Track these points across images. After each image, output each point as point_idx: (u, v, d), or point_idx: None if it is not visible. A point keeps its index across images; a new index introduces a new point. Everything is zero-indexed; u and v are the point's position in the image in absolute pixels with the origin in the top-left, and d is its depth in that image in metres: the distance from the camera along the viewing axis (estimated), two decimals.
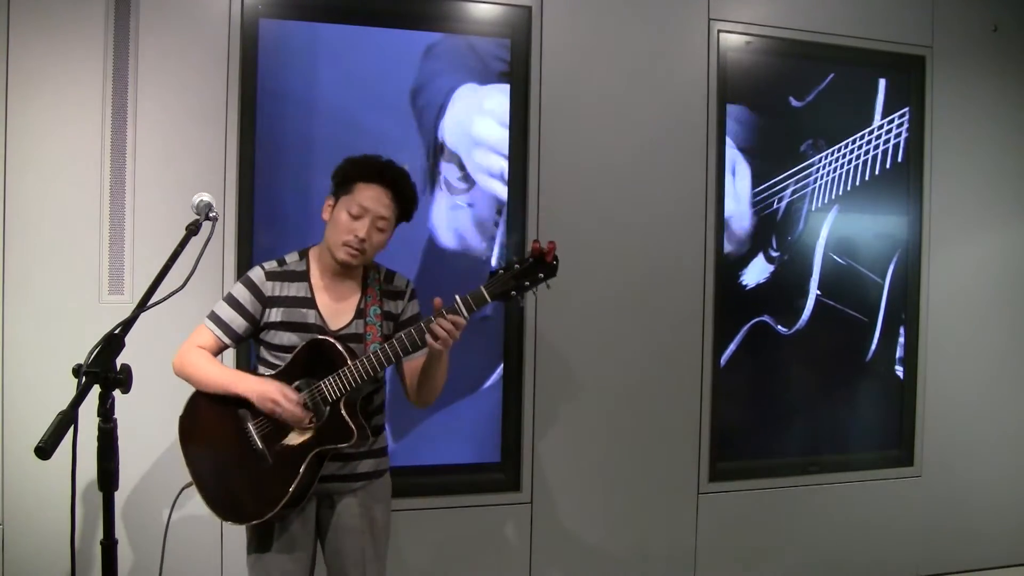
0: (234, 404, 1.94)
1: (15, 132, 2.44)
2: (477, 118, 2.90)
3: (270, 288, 1.99)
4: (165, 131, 2.57)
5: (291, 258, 2.06)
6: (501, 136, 2.93)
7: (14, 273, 2.45)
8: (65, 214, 2.48)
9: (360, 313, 2.02)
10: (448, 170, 2.88)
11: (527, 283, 1.86)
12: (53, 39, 2.47)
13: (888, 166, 3.43)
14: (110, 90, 2.51)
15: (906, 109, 3.43)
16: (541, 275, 1.87)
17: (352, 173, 1.96)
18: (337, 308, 2.02)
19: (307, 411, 1.90)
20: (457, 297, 1.87)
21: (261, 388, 1.90)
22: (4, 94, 2.43)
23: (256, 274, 2.01)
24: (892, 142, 3.43)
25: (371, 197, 1.94)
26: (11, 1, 2.43)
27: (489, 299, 1.87)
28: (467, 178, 2.90)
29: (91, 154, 2.50)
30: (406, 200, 2.01)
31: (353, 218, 1.93)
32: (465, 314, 1.86)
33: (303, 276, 2.02)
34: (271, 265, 2.03)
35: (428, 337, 1.86)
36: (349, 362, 1.90)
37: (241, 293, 1.99)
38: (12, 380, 2.45)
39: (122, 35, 2.52)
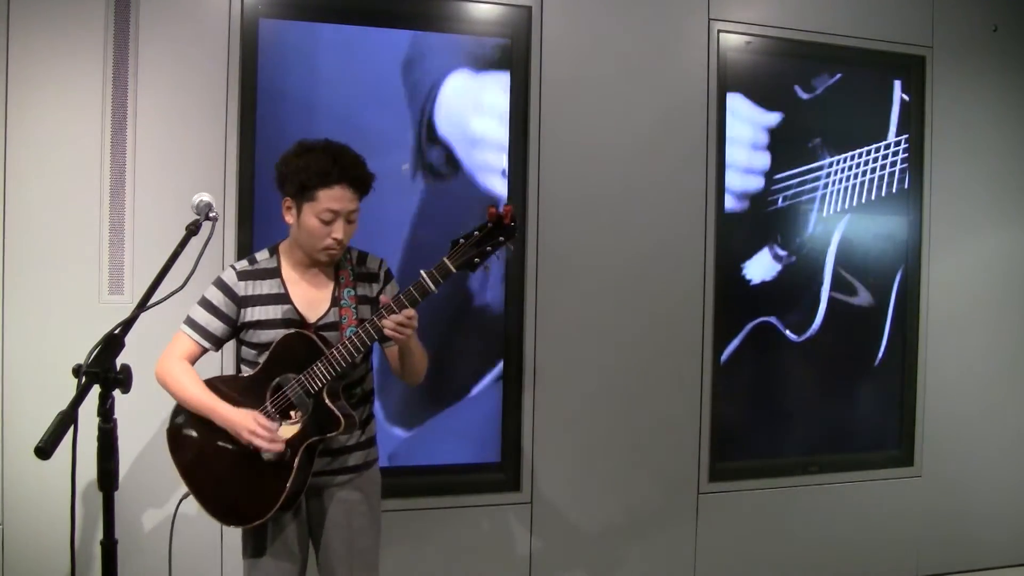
0: None
1: (15, 132, 2.44)
2: (469, 106, 2.90)
3: (243, 288, 1.99)
4: (165, 131, 2.57)
5: (261, 255, 2.05)
6: (494, 128, 2.92)
7: (14, 273, 2.45)
8: (65, 214, 2.48)
9: (335, 300, 2.02)
10: (434, 155, 2.87)
11: (488, 248, 1.87)
12: (53, 39, 2.46)
13: (895, 176, 3.43)
14: (110, 90, 2.51)
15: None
16: (501, 238, 1.87)
17: (311, 180, 1.91)
18: (312, 299, 2.01)
19: (281, 443, 1.88)
20: (423, 272, 1.88)
21: (236, 419, 1.89)
22: (4, 94, 2.43)
23: (228, 275, 2.00)
24: (901, 156, 3.43)
25: (337, 198, 1.91)
26: (11, 1, 2.43)
27: (454, 269, 1.87)
28: (453, 162, 2.89)
29: (91, 154, 2.50)
30: (366, 184, 1.98)
31: (325, 223, 1.92)
32: (433, 288, 1.87)
33: (275, 272, 2.02)
34: (242, 265, 2.03)
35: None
36: (325, 352, 1.90)
37: (215, 296, 1.98)
38: (12, 380, 2.45)
39: (122, 35, 2.52)
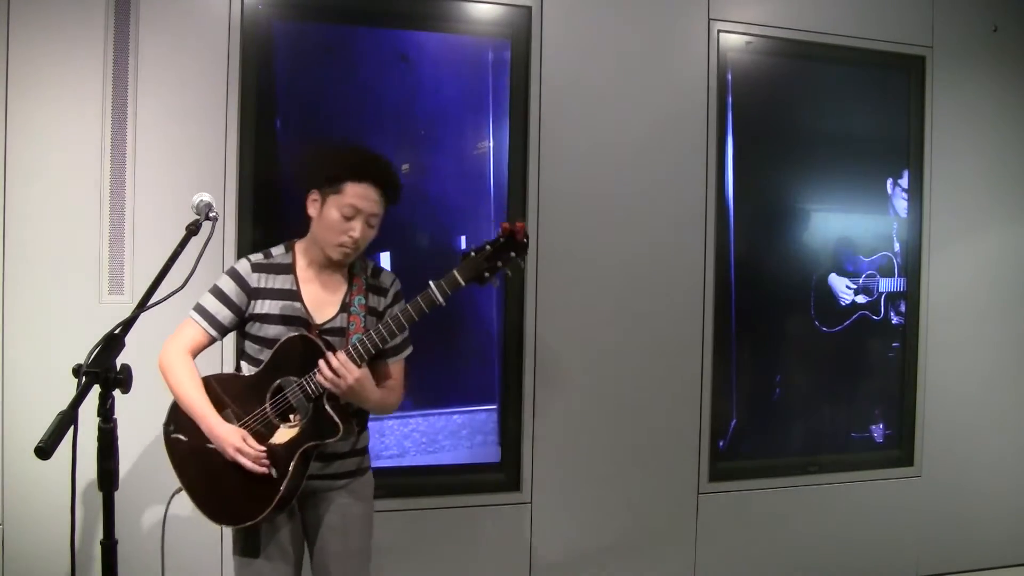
0: (218, 407, 1.92)
1: (15, 132, 2.44)
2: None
3: (255, 280, 1.98)
4: (165, 131, 2.57)
5: (277, 251, 2.05)
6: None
7: (14, 273, 2.45)
8: (65, 214, 2.48)
9: (345, 306, 2.01)
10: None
11: (499, 263, 1.86)
12: (53, 39, 2.46)
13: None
14: (110, 90, 2.51)
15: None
16: (513, 254, 1.86)
17: (341, 172, 1.91)
18: (322, 301, 2.01)
19: (267, 464, 1.88)
20: (431, 283, 1.87)
21: (223, 435, 1.88)
22: (4, 94, 2.43)
23: (242, 266, 2.00)
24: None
25: (362, 196, 1.91)
26: (11, 1, 2.43)
27: (463, 283, 1.86)
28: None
29: (91, 154, 2.50)
30: (394, 190, 1.99)
31: (346, 219, 1.91)
32: (441, 301, 1.87)
33: (288, 269, 2.01)
34: (257, 257, 2.03)
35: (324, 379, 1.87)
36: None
37: (227, 284, 1.98)
38: (12, 380, 2.45)
39: (122, 35, 2.52)
